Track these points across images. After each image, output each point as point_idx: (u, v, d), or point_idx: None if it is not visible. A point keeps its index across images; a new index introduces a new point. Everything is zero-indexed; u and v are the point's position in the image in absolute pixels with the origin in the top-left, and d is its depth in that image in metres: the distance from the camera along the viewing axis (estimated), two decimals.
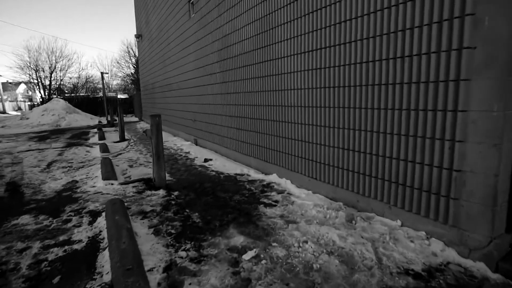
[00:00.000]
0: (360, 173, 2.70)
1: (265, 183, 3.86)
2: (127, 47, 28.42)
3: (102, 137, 9.28)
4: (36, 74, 23.14)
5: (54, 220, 2.96)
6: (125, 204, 3.25)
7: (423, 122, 2.16)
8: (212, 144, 6.12)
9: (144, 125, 13.42)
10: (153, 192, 3.68)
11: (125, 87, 29.59)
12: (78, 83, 25.56)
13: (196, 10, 6.24)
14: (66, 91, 25.88)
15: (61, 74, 23.77)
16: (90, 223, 2.84)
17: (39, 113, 15.92)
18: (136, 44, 14.33)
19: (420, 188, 2.21)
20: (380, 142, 2.49)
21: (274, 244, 2.24)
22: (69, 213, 3.11)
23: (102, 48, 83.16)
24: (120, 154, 6.51)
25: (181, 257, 2.14)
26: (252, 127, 4.47)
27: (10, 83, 45.45)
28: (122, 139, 8.80)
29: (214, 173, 4.51)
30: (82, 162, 5.78)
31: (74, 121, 15.66)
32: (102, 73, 17.55)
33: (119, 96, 29.03)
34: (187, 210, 3.05)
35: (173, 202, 3.29)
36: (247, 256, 2.06)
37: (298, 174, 3.56)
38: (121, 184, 4.03)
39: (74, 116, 16.15)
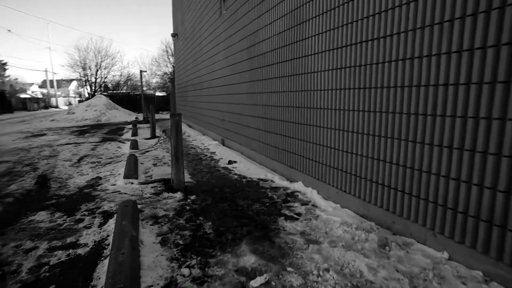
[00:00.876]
0: (398, 189, 2.28)
1: (289, 191, 3.53)
2: (166, 46, 29.34)
3: (135, 133, 9.50)
4: (84, 72, 24.76)
5: (68, 219, 2.89)
6: (139, 206, 3.12)
7: (485, 132, 1.71)
8: (238, 145, 5.90)
9: None
10: (170, 194, 3.52)
11: (163, 85, 30.63)
12: (120, 80, 26.92)
13: (227, 7, 6.05)
14: (110, 88, 27.41)
15: (105, 72, 25.19)
16: (101, 225, 2.73)
17: (83, 108, 16.91)
18: (173, 43, 14.62)
19: (477, 216, 1.76)
20: (425, 155, 2.06)
21: (290, 269, 1.92)
22: (84, 212, 3.04)
23: (143, 48, 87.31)
24: (148, 151, 6.54)
25: (183, 275, 1.90)
26: (278, 129, 4.16)
27: (64, 80, 49.38)
28: (153, 136, 8.93)
29: (236, 176, 4.27)
30: (110, 158, 5.86)
31: (113, 117, 16.40)
32: (141, 71, 18.22)
33: (157, 93, 30.09)
34: (200, 218, 2.82)
35: (187, 208, 3.09)
36: (255, 282, 1.76)
37: (325, 184, 3.18)
38: (141, 183, 3.94)
39: (113, 112, 16.93)
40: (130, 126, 12.39)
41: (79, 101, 23.83)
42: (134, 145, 7.04)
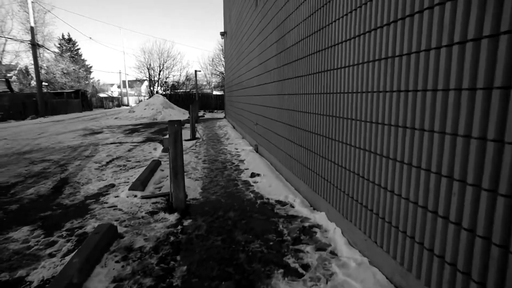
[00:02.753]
0: (462, 270, 1.33)
1: (306, 224, 2.71)
2: (220, 45, 29.87)
3: None
4: (148, 72, 26.56)
5: (42, 239, 2.56)
6: (123, 230, 2.66)
7: None
8: (268, 154, 5.18)
9: (224, 123, 13.48)
10: (165, 216, 3.00)
11: (220, 84, 31.32)
12: (179, 80, 28.24)
13: None
14: (171, 88, 28.97)
15: (167, 72, 26.65)
16: (66, 254, 2.31)
17: (142, 107, 17.93)
18: (223, 41, 14.46)
19: None
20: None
21: None
22: (63, 233, 2.69)
23: (202, 48, 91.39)
24: None
25: None
26: (302, 141, 3.34)
27: (138, 81, 54.47)
28: (193, 137, 8.73)
29: (252, 196, 3.57)
30: (138, 162, 5.68)
31: (168, 115, 17.02)
32: (195, 71, 18.67)
33: (215, 92, 30.83)
34: (178, 258, 2.22)
35: (172, 239, 2.51)
36: None
37: (351, 224, 2.29)
38: (143, 197, 3.51)
39: (169, 111, 17.59)
40: None
41: (140, 101, 25.58)
42: (168, 148, 6.82)
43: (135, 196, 3.58)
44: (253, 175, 4.36)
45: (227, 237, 2.53)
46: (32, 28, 19.51)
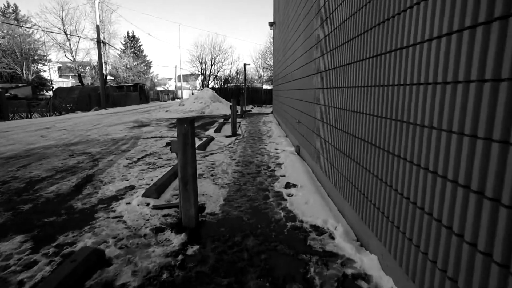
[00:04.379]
0: None
1: (349, 272, 1.91)
2: (271, 38, 29.08)
3: (218, 129, 9.06)
4: (200, 66, 27.05)
5: (25, 257, 2.18)
6: (117, 252, 2.16)
7: None
8: (310, 158, 4.38)
9: (269, 119, 12.81)
10: (170, 236, 2.44)
11: (270, 77, 30.70)
12: (230, 74, 28.27)
13: None
14: (228, 81, 29.16)
15: (218, 66, 26.83)
16: (37, 284, 1.87)
17: (191, 100, 18.14)
18: (272, 33, 13.71)
19: None
20: None
21: None
22: (50, 249, 2.28)
23: (252, 41, 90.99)
24: (213, 153, 5.75)
25: None
26: (350, 150, 2.50)
27: (192, 75, 56.72)
28: (233, 133, 8.24)
29: (283, 215, 2.85)
30: (169, 160, 5.32)
31: (215, 109, 16.93)
32: (244, 64, 18.24)
33: (265, 86, 30.33)
34: None
35: (163, 277, 1.92)
36: None
37: (413, 285, 1.45)
38: (155, 207, 3.02)
39: (216, 104, 17.50)
40: (222, 120, 12.23)
41: (192, 93, 26.14)
42: (204, 144, 6.40)
43: (147, 204, 3.11)
44: (288, 185, 3.61)
45: (235, 281, 1.86)
46: (97, 27, 20.98)
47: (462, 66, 1.18)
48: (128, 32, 43.73)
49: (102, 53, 25.13)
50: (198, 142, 7.05)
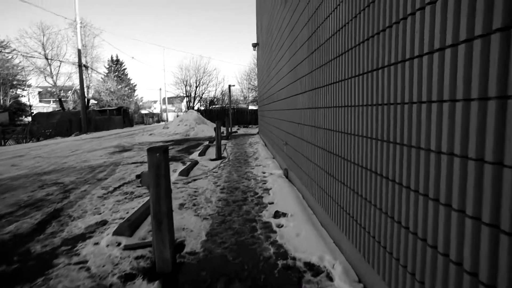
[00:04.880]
0: None
1: None
2: (255, 59, 29.53)
3: (203, 152, 8.72)
4: (185, 88, 26.94)
5: None
6: None
7: None
8: (299, 182, 4.10)
9: (255, 140, 12.59)
10: (141, 285, 2.07)
11: (256, 98, 30.89)
12: (215, 95, 28.25)
13: None
14: (213, 103, 29.03)
15: (203, 88, 26.80)
16: None
17: (176, 123, 17.80)
18: (256, 54, 13.77)
19: None
20: None
21: None
22: None
23: (237, 63, 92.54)
24: (196, 179, 5.40)
25: None
26: (346, 177, 2.24)
27: (178, 97, 56.64)
28: (218, 157, 7.92)
29: (272, 251, 2.52)
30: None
31: (200, 131, 16.63)
32: (229, 85, 18.22)
33: (250, 107, 30.40)
34: None
35: None
36: None
37: None
38: (127, 248, 2.63)
39: (201, 126, 17.22)
40: (207, 143, 11.91)
41: (177, 116, 25.87)
42: (188, 169, 6.04)
43: (118, 244, 2.72)
44: (277, 214, 3.30)
45: None
46: (79, 50, 20.70)
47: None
48: (112, 56, 43.59)
49: (84, 77, 24.72)
50: (181, 167, 6.68)
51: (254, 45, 12.08)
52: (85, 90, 28.40)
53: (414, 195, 1.37)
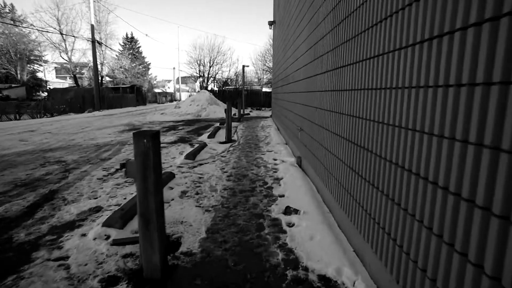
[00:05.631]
0: None
1: None
2: (271, 39, 28.52)
3: (213, 135, 8.37)
4: (199, 68, 26.40)
5: None
6: None
7: None
8: (314, 173, 3.69)
9: (268, 123, 12.13)
10: None
11: (270, 80, 30.10)
12: (228, 77, 27.64)
13: None
14: (227, 83, 28.47)
15: (217, 68, 26.17)
16: None
17: (188, 103, 17.47)
18: (272, 33, 13.05)
19: None
20: None
21: None
22: None
23: (252, 43, 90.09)
24: (203, 163, 5.06)
25: None
26: (373, 173, 1.81)
27: (192, 77, 56.10)
28: (228, 139, 7.55)
29: (280, 257, 2.16)
30: None
31: (212, 112, 16.26)
32: (243, 66, 17.60)
33: (264, 89, 29.71)
34: None
35: None
36: None
37: None
38: (115, 243, 2.32)
39: (213, 107, 16.84)
40: (218, 124, 11.54)
41: (190, 95, 25.54)
42: (195, 152, 5.71)
43: (107, 237, 2.42)
44: (288, 210, 2.91)
45: None
46: (92, 26, 20.35)
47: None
48: (126, 33, 43.18)
49: (98, 53, 24.52)
50: (188, 149, 6.37)
51: (271, 23, 11.37)
52: (99, 67, 28.33)
53: (475, 210, 0.94)
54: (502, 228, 0.90)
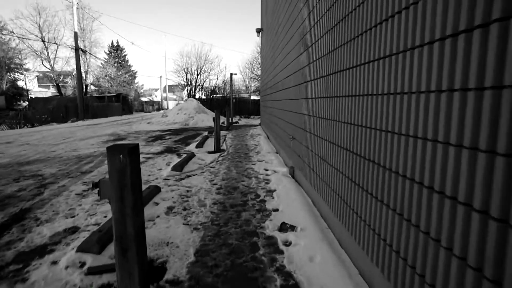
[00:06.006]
0: None
1: None
2: (258, 47, 28.61)
3: (201, 144, 8.10)
4: (186, 76, 26.13)
5: None
6: None
7: None
8: (309, 185, 3.49)
9: (257, 131, 11.95)
10: None
11: (258, 88, 30.09)
12: (216, 85, 27.46)
13: None
14: (215, 92, 28.22)
15: (204, 76, 25.97)
16: None
17: (175, 112, 17.14)
18: (260, 40, 12.99)
19: None
20: None
21: None
22: None
23: (240, 51, 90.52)
24: (190, 175, 4.80)
25: None
26: (380, 188, 1.62)
27: (179, 85, 55.59)
28: (217, 149, 7.30)
29: (278, 283, 1.93)
30: None
31: (200, 121, 15.99)
32: (231, 74, 17.45)
33: (252, 97, 29.65)
34: None
35: None
36: None
37: None
38: (90, 272, 2.04)
39: (201, 116, 16.57)
40: (206, 133, 11.27)
41: (177, 104, 25.20)
42: (182, 164, 5.44)
43: (82, 265, 2.13)
44: (284, 227, 2.69)
45: None
46: (75, 33, 19.87)
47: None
48: (112, 41, 42.54)
49: (82, 61, 23.93)
50: (176, 160, 6.09)
51: (258, 31, 11.29)
52: (84, 75, 27.66)
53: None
54: None
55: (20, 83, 33.12)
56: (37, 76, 36.51)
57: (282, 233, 2.61)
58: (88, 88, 31.09)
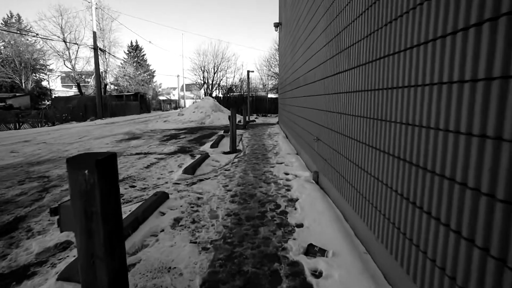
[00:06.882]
0: None
1: None
2: (276, 44, 27.97)
3: (216, 144, 7.69)
4: (203, 75, 25.93)
5: None
6: None
7: None
8: (338, 194, 2.96)
9: (275, 130, 11.43)
10: None
11: (275, 86, 29.48)
12: (233, 83, 27.12)
13: None
14: (232, 90, 27.91)
15: (221, 74, 25.67)
16: None
17: (191, 110, 16.91)
18: (278, 35, 12.43)
19: None
20: None
21: None
22: None
23: (257, 48, 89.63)
24: (203, 179, 4.37)
25: None
26: (441, 204, 1.10)
27: (196, 84, 55.76)
28: (233, 149, 6.86)
29: None
30: (144, 189, 3.96)
31: (216, 119, 15.65)
32: (248, 71, 17.01)
33: (270, 95, 29.12)
34: None
35: None
36: None
37: None
38: None
39: (218, 114, 16.23)
40: (222, 132, 10.87)
41: (194, 102, 25.06)
42: (194, 166, 5.02)
43: None
44: (312, 250, 2.19)
45: None
46: (94, 33, 20.04)
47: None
48: (131, 41, 43.18)
49: (101, 61, 24.22)
50: (188, 161, 5.70)
51: (276, 25, 10.75)
52: (103, 75, 28.07)
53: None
54: None
55: (44, 83, 34.19)
56: (59, 76, 37.57)
57: (310, 258, 2.11)
58: (107, 87, 31.59)
